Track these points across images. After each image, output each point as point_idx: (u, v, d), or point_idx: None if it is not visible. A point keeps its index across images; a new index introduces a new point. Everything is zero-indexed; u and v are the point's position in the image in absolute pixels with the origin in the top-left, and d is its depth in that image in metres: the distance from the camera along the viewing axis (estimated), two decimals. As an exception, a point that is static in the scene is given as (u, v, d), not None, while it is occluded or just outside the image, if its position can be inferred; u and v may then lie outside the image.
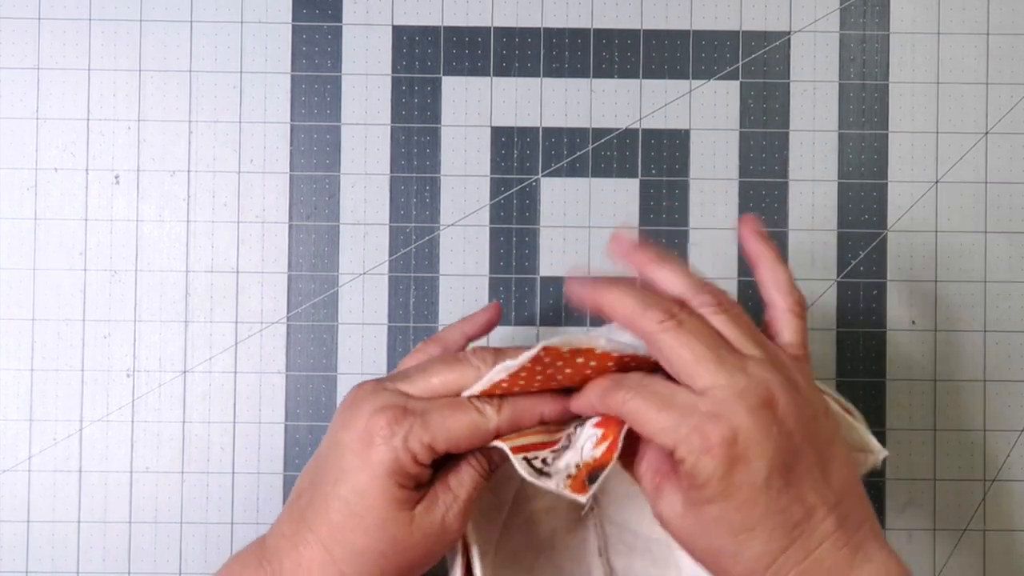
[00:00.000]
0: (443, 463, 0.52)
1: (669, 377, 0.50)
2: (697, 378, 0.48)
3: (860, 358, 0.65)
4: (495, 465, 0.53)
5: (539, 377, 0.51)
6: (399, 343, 0.65)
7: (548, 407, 0.52)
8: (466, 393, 0.51)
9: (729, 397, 0.47)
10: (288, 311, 0.65)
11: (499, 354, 0.52)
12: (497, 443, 0.51)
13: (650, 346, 0.49)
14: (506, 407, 0.51)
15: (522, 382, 0.51)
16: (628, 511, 0.60)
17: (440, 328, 0.65)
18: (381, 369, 0.65)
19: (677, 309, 0.49)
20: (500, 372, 0.50)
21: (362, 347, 0.65)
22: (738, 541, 0.47)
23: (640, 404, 0.48)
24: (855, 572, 0.48)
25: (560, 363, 0.50)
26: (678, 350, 0.48)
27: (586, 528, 0.60)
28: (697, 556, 0.49)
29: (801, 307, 0.53)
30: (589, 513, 0.60)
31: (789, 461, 0.47)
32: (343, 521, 0.50)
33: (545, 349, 0.49)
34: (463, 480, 0.52)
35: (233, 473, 0.64)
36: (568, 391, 0.53)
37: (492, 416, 0.51)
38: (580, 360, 0.50)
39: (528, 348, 0.50)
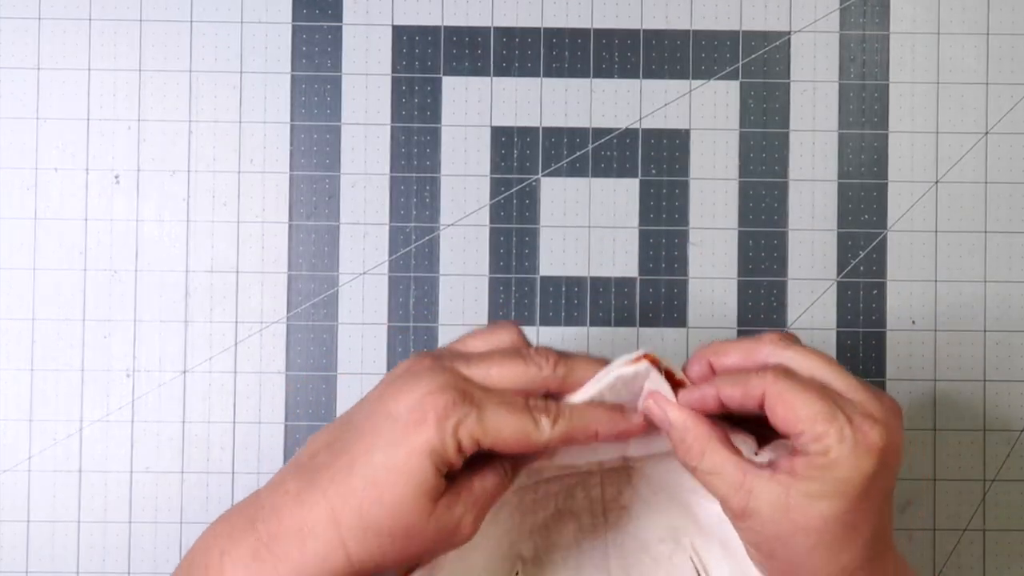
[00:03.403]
0: (469, 463, 0.51)
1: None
2: (837, 380, 0.49)
3: (860, 358, 0.65)
4: (518, 471, 0.52)
5: None
6: (399, 343, 0.65)
7: (604, 427, 0.51)
8: (570, 399, 0.51)
9: (878, 404, 0.48)
10: (288, 311, 0.65)
11: (563, 356, 0.50)
12: None
13: (774, 383, 0.49)
14: (562, 421, 0.49)
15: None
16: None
17: (439, 329, 0.65)
18: (381, 369, 0.65)
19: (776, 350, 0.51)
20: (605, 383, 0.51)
21: (362, 347, 0.65)
22: (841, 542, 0.48)
23: (792, 385, 0.48)
24: None
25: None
26: (809, 363, 0.49)
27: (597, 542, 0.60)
28: (776, 558, 0.49)
29: (779, 337, 0.52)
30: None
31: (895, 481, 0.50)
32: (363, 490, 0.47)
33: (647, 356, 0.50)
34: (487, 485, 0.50)
35: (233, 473, 0.64)
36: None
37: (546, 429, 0.49)
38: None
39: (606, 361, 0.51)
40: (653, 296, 0.65)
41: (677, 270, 0.65)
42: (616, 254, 0.65)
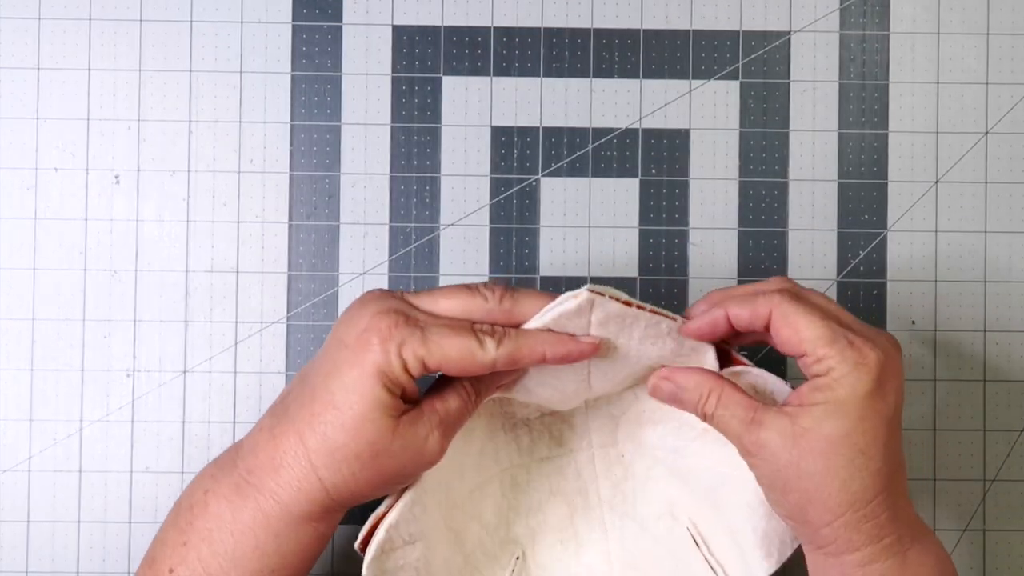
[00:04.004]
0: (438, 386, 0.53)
1: None
2: (840, 315, 0.52)
3: (860, 358, 0.65)
4: (482, 396, 0.54)
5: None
6: (399, 343, 0.65)
7: (551, 348, 0.52)
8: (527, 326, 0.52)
9: (877, 335, 0.51)
10: (288, 311, 0.65)
11: (510, 290, 0.53)
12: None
13: (779, 306, 0.52)
14: (507, 342, 0.51)
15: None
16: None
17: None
18: (381, 369, 0.65)
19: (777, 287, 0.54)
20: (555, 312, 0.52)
21: (362, 347, 0.65)
22: (850, 468, 0.49)
23: (798, 308, 0.51)
24: (921, 541, 0.52)
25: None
26: (815, 297, 0.52)
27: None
28: (789, 491, 0.50)
29: (785, 284, 0.54)
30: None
31: (898, 418, 0.51)
32: (323, 412, 0.50)
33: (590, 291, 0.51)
34: (449, 406, 0.52)
35: (233, 473, 0.64)
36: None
37: (491, 349, 0.51)
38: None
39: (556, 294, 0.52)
40: (653, 296, 0.65)
41: (677, 270, 0.65)
42: (616, 254, 0.65)
